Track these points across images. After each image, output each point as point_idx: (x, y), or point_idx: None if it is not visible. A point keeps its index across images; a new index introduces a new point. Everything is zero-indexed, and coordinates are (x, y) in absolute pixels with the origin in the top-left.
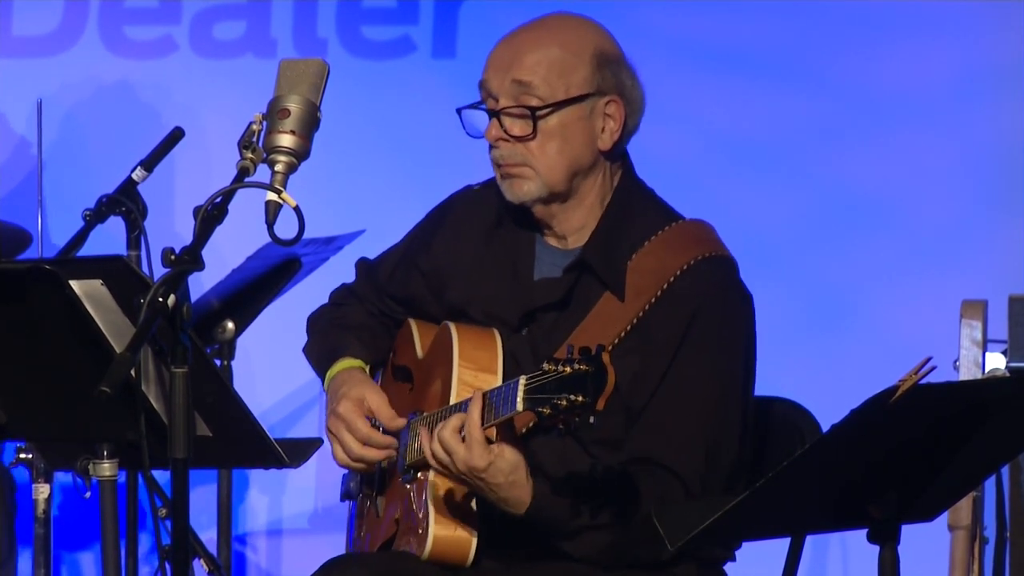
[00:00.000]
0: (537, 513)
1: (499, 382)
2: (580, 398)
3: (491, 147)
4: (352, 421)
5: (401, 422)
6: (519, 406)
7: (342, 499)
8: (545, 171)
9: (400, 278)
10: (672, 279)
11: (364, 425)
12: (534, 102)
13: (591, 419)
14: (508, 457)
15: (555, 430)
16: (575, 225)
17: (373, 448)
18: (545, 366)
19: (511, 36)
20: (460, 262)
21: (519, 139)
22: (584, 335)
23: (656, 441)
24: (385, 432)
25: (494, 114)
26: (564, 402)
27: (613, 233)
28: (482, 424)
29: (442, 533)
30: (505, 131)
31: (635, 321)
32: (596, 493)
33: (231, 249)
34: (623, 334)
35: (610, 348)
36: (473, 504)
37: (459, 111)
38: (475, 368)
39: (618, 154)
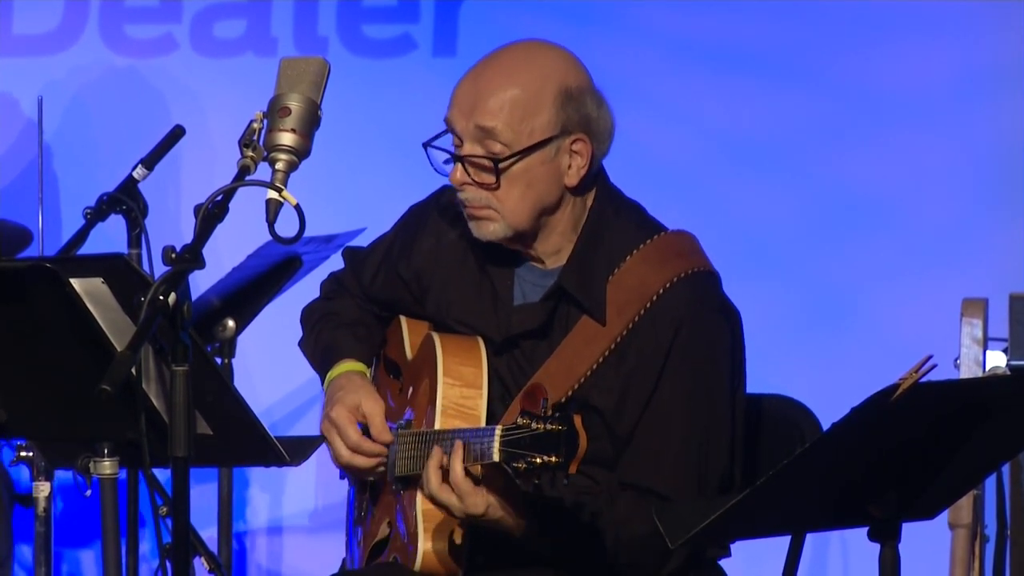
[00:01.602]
0: (534, 536)
1: (484, 398)
2: (553, 459)
3: (456, 189)
4: (343, 427)
5: (389, 437)
6: (495, 456)
7: (341, 477)
8: (509, 214)
9: (382, 283)
10: (652, 300)
11: (354, 433)
12: (497, 148)
13: (564, 481)
14: (499, 493)
15: (531, 485)
16: (551, 249)
17: (361, 456)
18: (519, 420)
19: (474, 73)
20: (439, 271)
21: (483, 186)
22: (563, 358)
23: (646, 469)
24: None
25: (459, 159)
26: (538, 460)
27: (589, 255)
28: (463, 462)
29: (433, 547)
30: (470, 176)
31: (616, 343)
32: (593, 515)
33: (232, 247)
34: (604, 356)
35: (590, 371)
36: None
37: (425, 146)
38: (460, 384)
39: (588, 185)
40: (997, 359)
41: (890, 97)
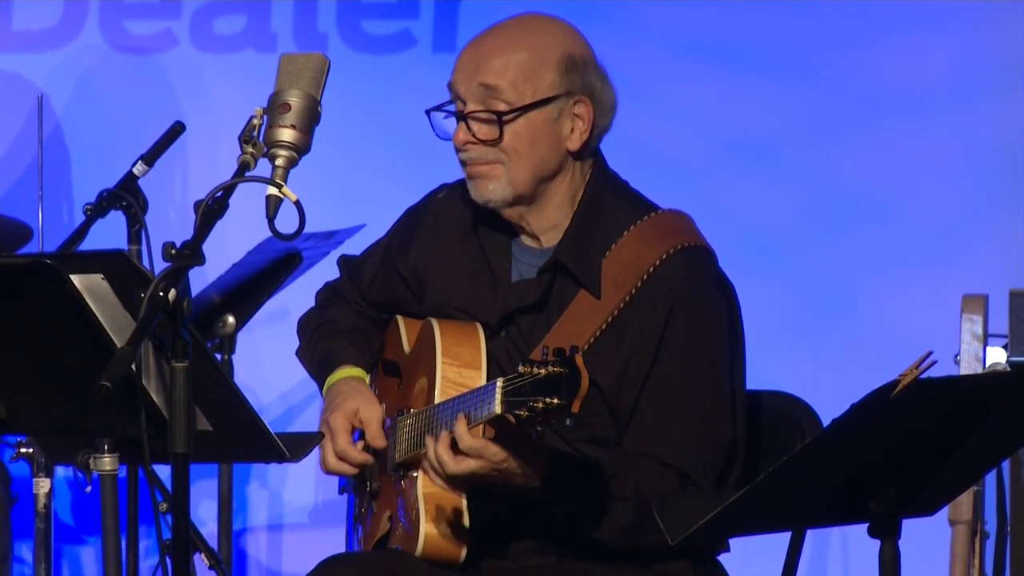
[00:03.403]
0: (552, 491)
1: (483, 377)
2: (555, 400)
3: (458, 150)
4: (336, 433)
5: (382, 443)
6: (497, 408)
7: (340, 492)
8: (512, 171)
9: (381, 283)
10: (648, 273)
11: (344, 440)
12: (501, 106)
13: (567, 421)
14: (511, 447)
15: (533, 432)
16: (547, 225)
17: (347, 464)
18: (521, 368)
19: (479, 39)
20: (438, 264)
21: (486, 143)
22: (561, 333)
23: (654, 441)
24: (368, 448)
25: (461, 117)
26: (540, 404)
27: (585, 230)
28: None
29: (434, 531)
30: (473, 134)
31: (612, 317)
32: (606, 474)
33: (232, 244)
34: (600, 331)
35: (587, 345)
36: (465, 502)
37: (428, 112)
38: (458, 364)
39: (588, 153)
40: (997, 355)
41: (891, 93)
